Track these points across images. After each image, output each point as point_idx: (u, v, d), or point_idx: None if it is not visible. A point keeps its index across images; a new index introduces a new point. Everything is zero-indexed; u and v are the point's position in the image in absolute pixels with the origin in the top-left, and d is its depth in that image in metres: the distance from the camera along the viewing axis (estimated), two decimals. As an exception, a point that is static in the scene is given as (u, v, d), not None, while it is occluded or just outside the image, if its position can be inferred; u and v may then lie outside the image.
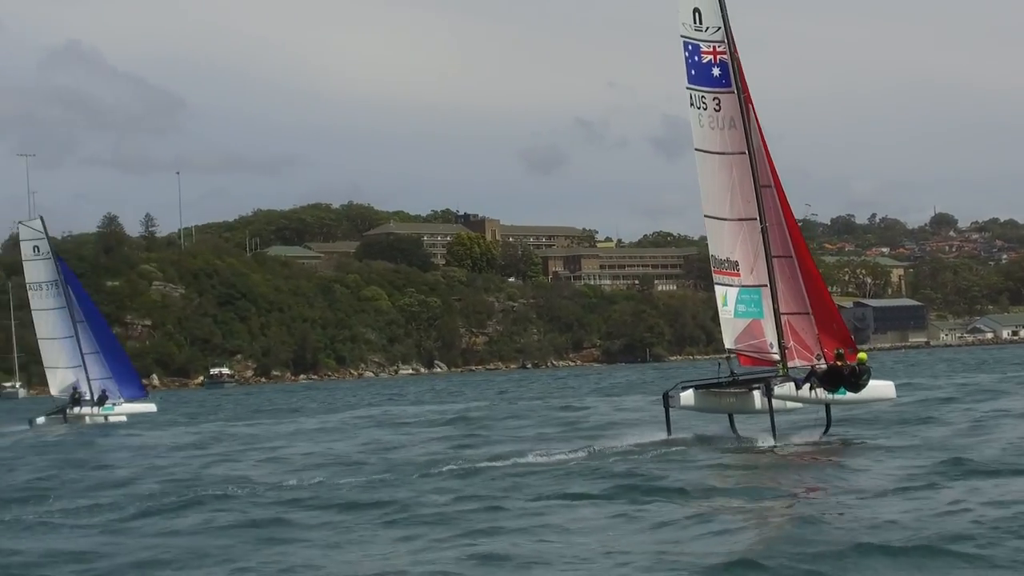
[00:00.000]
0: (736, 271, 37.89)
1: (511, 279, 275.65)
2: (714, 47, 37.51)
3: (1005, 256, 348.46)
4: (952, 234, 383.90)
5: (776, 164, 38.02)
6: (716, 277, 38.30)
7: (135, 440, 53.78)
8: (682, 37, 37.65)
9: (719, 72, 37.54)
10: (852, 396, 37.53)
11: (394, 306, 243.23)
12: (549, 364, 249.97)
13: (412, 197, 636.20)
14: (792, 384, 36.91)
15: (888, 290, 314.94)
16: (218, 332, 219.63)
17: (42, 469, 39.80)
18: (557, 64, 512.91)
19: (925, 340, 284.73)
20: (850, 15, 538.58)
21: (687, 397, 37.75)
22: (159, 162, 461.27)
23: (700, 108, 37.54)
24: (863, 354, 37.91)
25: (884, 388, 39.15)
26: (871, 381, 37.83)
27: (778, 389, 36.78)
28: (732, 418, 38.53)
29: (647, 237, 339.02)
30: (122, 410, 72.77)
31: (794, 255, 38.01)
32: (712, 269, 38.45)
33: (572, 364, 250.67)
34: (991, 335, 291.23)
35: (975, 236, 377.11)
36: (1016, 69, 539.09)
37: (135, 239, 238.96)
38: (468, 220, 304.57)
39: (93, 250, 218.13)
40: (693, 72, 37.55)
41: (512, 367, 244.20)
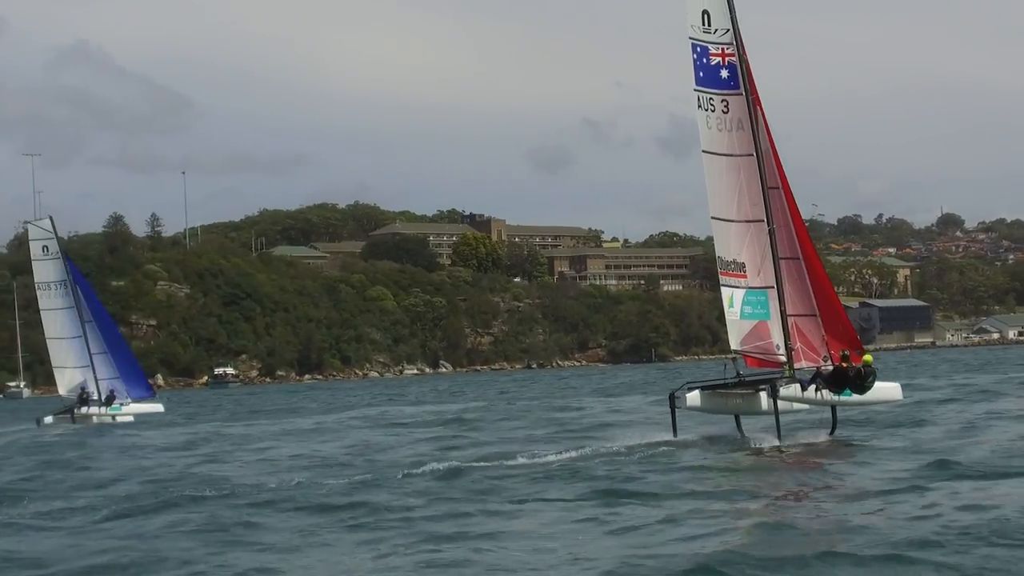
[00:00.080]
0: (743, 273, 37.95)
1: (517, 279, 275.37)
2: (723, 49, 37.58)
3: (1012, 256, 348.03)
4: (959, 234, 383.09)
5: (783, 164, 38.13)
6: (722, 279, 38.33)
7: (128, 440, 53.75)
8: (690, 39, 37.73)
9: (727, 74, 37.60)
10: (858, 397, 37.60)
11: (399, 306, 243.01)
12: (554, 364, 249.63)
13: (419, 197, 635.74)
14: (798, 385, 37.05)
15: (894, 290, 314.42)
16: (223, 332, 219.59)
17: (28, 470, 39.73)
18: (564, 64, 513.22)
19: (931, 340, 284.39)
20: (857, 15, 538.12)
21: (693, 398, 37.90)
22: (166, 162, 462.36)
23: (708, 110, 37.59)
24: (868, 356, 37.96)
25: (890, 390, 39.32)
26: (877, 383, 37.93)
27: (783, 390, 36.84)
28: (738, 419, 38.60)
29: (653, 237, 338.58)
30: (129, 410, 72.89)
31: (801, 257, 38.05)
32: (718, 271, 38.49)
33: (577, 364, 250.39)
34: (997, 335, 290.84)
35: (982, 236, 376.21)
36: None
37: (140, 239, 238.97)
38: (474, 220, 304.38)
39: (98, 250, 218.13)
40: (701, 74, 37.61)
41: (517, 367, 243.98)
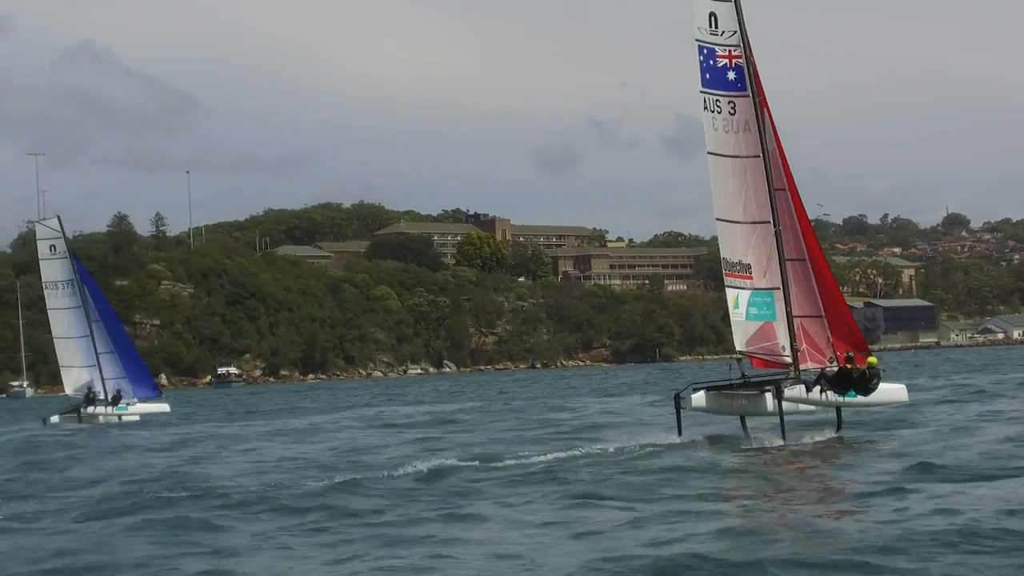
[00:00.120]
0: (748, 274, 37.92)
1: (521, 279, 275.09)
2: (730, 51, 37.57)
3: (1017, 256, 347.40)
4: (964, 234, 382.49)
5: (789, 164, 38.08)
6: (728, 280, 38.30)
7: (119, 441, 53.42)
8: (697, 41, 37.72)
9: (735, 76, 37.59)
10: (863, 399, 37.58)
11: (403, 306, 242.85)
12: (558, 364, 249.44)
13: (425, 197, 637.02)
14: (802, 386, 37.04)
15: (899, 290, 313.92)
16: (227, 332, 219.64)
17: (9, 470, 39.54)
18: (570, 64, 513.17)
19: (936, 340, 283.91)
20: (862, 14, 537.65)
21: (699, 399, 37.86)
22: (172, 161, 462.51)
23: (714, 112, 37.59)
24: (873, 358, 37.89)
25: (896, 391, 39.32)
26: (883, 384, 37.92)
27: (788, 391, 36.80)
28: (744, 420, 38.55)
29: (658, 237, 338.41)
30: (135, 410, 72.84)
31: (808, 258, 38.02)
32: (723, 272, 38.45)
33: (582, 364, 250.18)
34: (1002, 335, 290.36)
35: (987, 236, 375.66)
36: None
37: (144, 238, 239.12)
38: (478, 220, 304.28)
39: (103, 249, 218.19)
40: (708, 76, 37.60)
41: (521, 367, 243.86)
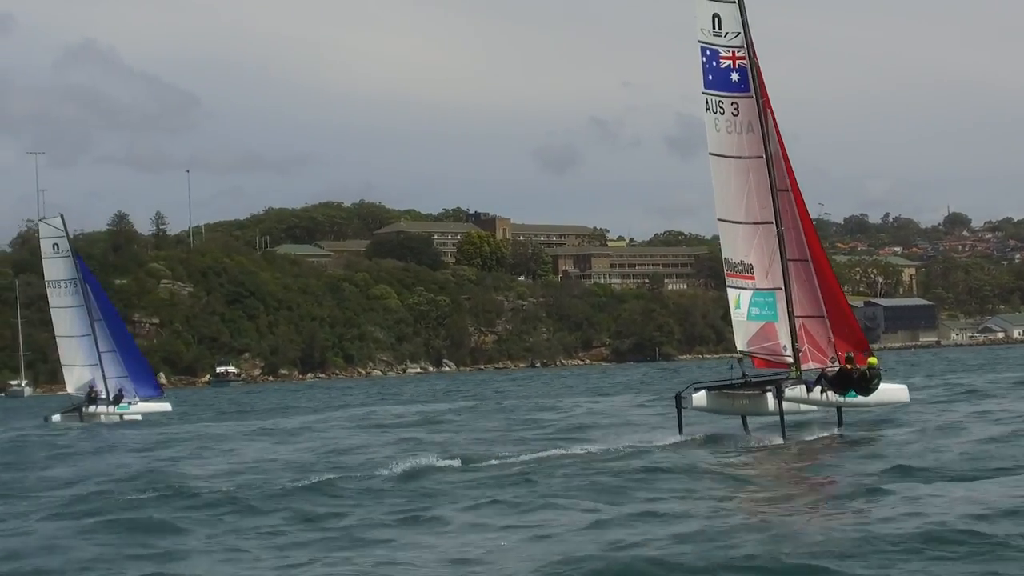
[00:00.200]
0: (750, 274, 38.00)
1: (521, 278, 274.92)
2: (733, 52, 37.66)
3: (1018, 256, 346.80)
4: (965, 234, 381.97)
5: (791, 164, 38.14)
6: (729, 280, 38.38)
7: (105, 440, 53.11)
8: (700, 42, 37.81)
9: (738, 77, 37.68)
10: (864, 399, 37.67)
11: (403, 305, 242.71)
12: (558, 363, 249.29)
13: (426, 196, 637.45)
14: (803, 386, 37.18)
15: (899, 289, 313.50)
16: (226, 330, 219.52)
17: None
18: (572, 63, 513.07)
19: (936, 340, 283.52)
20: (863, 14, 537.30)
21: (699, 398, 38.04)
22: (173, 160, 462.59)
23: (717, 113, 37.67)
24: (873, 358, 37.97)
25: (897, 391, 39.45)
26: (884, 384, 38.05)
27: (789, 391, 36.90)
28: (745, 419, 38.65)
29: (658, 236, 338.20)
30: (137, 409, 72.81)
31: (810, 258, 38.09)
32: (725, 272, 38.54)
33: (581, 363, 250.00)
34: (1002, 335, 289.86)
35: (988, 236, 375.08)
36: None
37: (145, 237, 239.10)
38: (479, 219, 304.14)
39: (102, 248, 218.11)
40: (710, 77, 37.68)
41: (521, 366, 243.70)
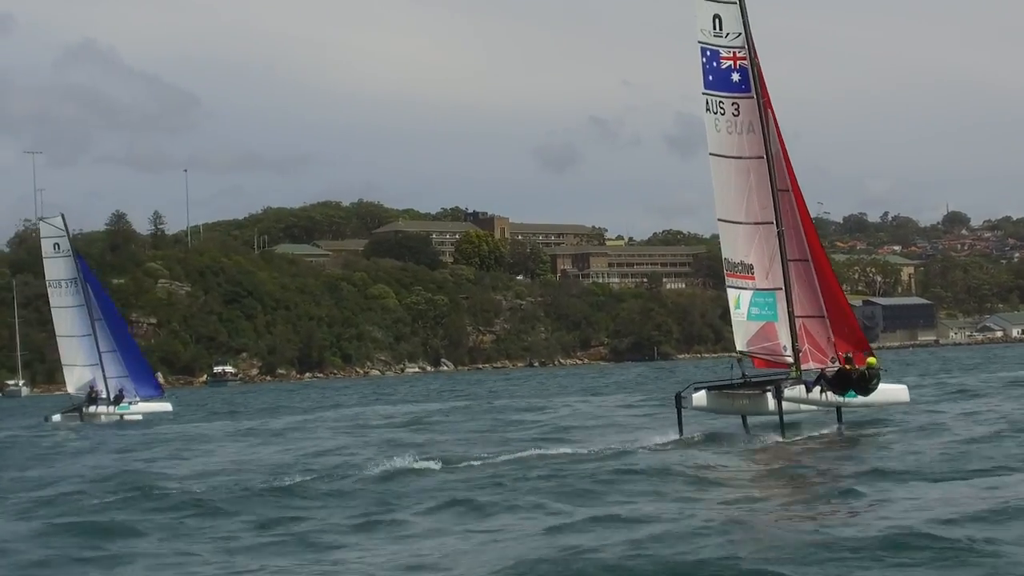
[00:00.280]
0: (750, 274, 38.01)
1: (519, 277, 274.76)
2: (734, 52, 37.67)
3: (1017, 255, 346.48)
4: (964, 232, 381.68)
5: (792, 164, 38.12)
6: (729, 280, 38.38)
7: (90, 442, 52.68)
8: (700, 43, 37.79)
9: (739, 77, 37.68)
10: (863, 399, 37.67)
11: (401, 304, 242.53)
12: (556, 363, 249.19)
13: (426, 195, 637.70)
14: (802, 387, 37.23)
15: (898, 288, 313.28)
16: (224, 330, 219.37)
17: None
18: (572, 62, 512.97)
19: (934, 339, 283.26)
20: (863, 14, 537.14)
21: (699, 398, 38.09)
22: (173, 160, 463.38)
23: (717, 113, 37.67)
24: (873, 358, 37.97)
25: (897, 392, 39.48)
26: (884, 385, 38.08)
27: (788, 392, 36.92)
28: (745, 418, 38.69)
29: (657, 235, 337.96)
30: (138, 409, 72.75)
31: (810, 259, 38.09)
32: (725, 272, 38.53)
33: (580, 363, 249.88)
34: (1000, 333, 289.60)
35: (987, 235, 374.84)
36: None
37: (143, 237, 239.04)
38: (477, 218, 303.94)
39: (100, 248, 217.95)
40: (711, 77, 37.66)
41: (520, 366, 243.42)
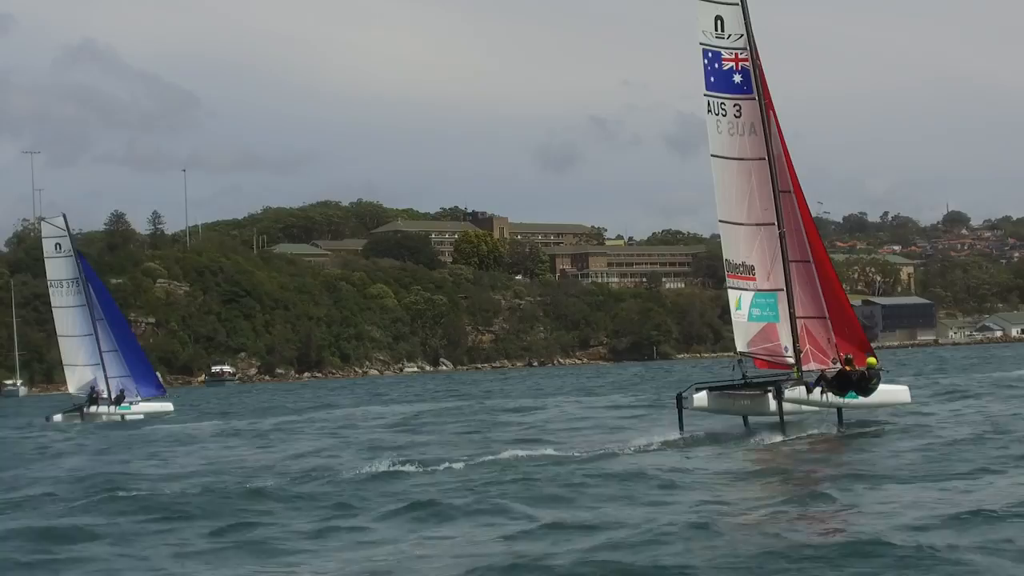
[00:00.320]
0: (751, 275, 38.05)
1: (518, 277, 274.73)
2: (736, 54, 37.67)
3: (1017, 254, 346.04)
4: (964, 232, 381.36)
5: (793, 165, 38.13)
6: (730, 281, 38.43)
7: (76, 443, 52.17)
8: (701, 45, 37.80)
9: (741, 79, 37.69)
10: (864, 400, 37.67)
11: (400, 304, 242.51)
12: (555, 362, 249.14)
13: (426, 195, 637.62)
14: (803, 388, 37.25)
15: (897, 288, 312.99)
16: (222, 330, 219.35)
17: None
18: (571, 62, 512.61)
19: (934, 338, 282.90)
20: (863, 14, 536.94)
21: (700, 398, 38.25)
22: (173, 159, 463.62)
23: (719, 114, 37.67)
24: (872, 358, 37.93)
25: (898, 392, 39.54)
26: (885, 385, 38.12)
27: (788, 393, 36.97)
28: (746, 419, 38.78)
29: (656, 235, 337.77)
30: (139, 409, 72.77)
31: (812, 259, 38.09)
32: (725, 273, 38.57)
33: (579, 362, 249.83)
34: (1000, 333, 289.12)
35: (987, 234, 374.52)
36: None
37: (141, 236, 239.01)
38: (476, 218, 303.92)
39: (99, 247, 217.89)
40: (712, 79, 37.67)
41: (519, 365, 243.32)
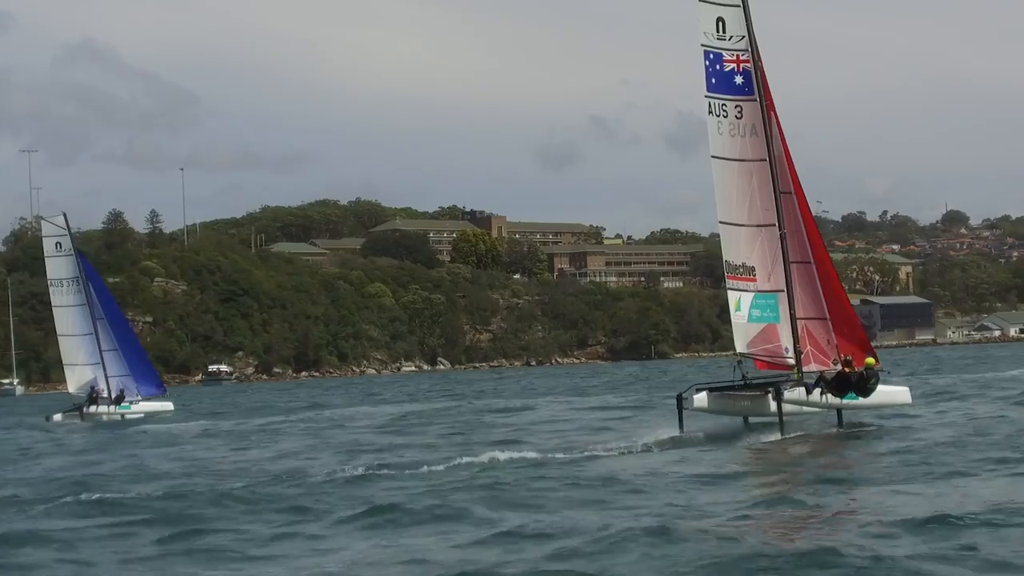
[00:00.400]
0: (752, 276, 38.08)
1: (516, 276, 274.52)
2: (737, 55, 37.70)
3: (1016, 254, 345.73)
4: (963, 231, 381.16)
5: (795, 166, 38.18)
6: (729, 282, 38.43)
7: (61, 443, 52.19)
8: (703, 46, 37.80)
9: (742, 80, 37.74)
10: (864, 401, 37.69)
11: (398, 303, 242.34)
12: (553, 361, 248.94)
13: (425, 194, 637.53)
14: (803, 389, 37.32)
15: (896, 287, 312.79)
16: (220, 329, 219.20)
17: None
18: (571, 61, 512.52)
19: (932, 338, 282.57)
20: (863, 13, 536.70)
21: (700, 399, 38.34)
22: (173, 158, 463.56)
23: (720, 116, 37.70)
24: (871, 358, 37.90)
25: (898, 393, 39.43)
26: (886, 386, 38.15)
27: (788, 394, 37.02)
28: (747, 419, 38.87)
29: (655, 234, 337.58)
30: (139, 408, 72.76)
31: (812, 260, 38.11)
32: (725, 274, 38.58)
33: (577, 362, 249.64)
34: (998, 333, 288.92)
35: (986, 234, 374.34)
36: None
37: (139, 235, 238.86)
38: (475, 217, 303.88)
39: (96, 246, 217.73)
40: (713, 80, 37.70)
41: (516, 365, 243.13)
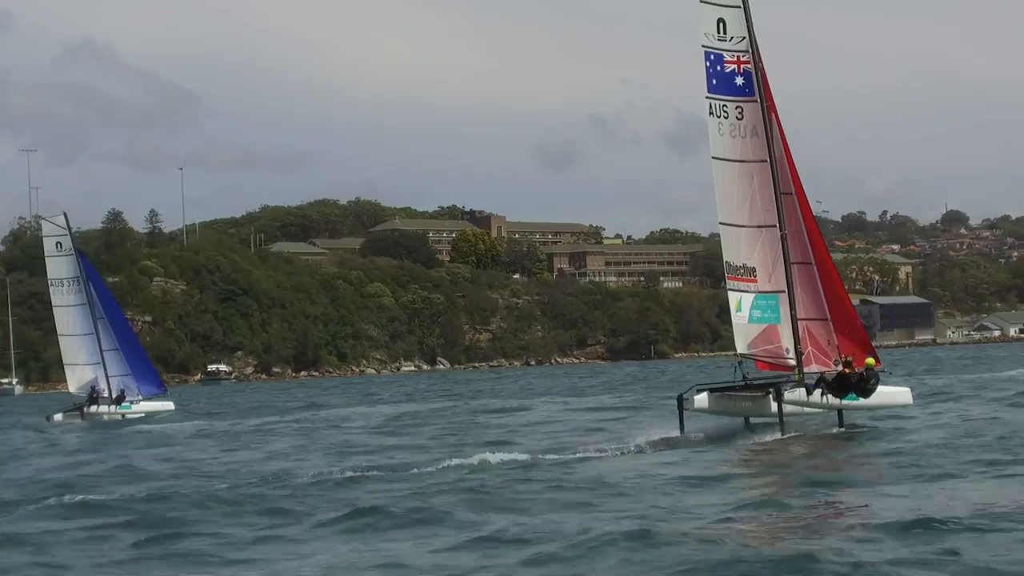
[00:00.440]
0: (752, 277, 38.06)
1: (516, 276, 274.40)
2: (738, 56, 37.62)
3: (1016, 254, 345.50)
4: (963, 231, 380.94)
5: (796, 167, 38.14)
6: (730, 283, 38.41)
7: (53, 443, 52.02)
8: (704, 47, 37.72)
9: (743, 81, 37.67)
10: (865, 402, 37.68)
11: (397, 303, 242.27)
12: (553, 361, 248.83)
13: (425, 194, 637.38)
14: (803, 389, 37.33)
15: (895, 287, 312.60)
16: (219, 328, 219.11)
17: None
18: (571, 60, 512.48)
19: (932, 338, 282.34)
20: (863, 13, 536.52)
21: (701, 400, 38.39)
22: (173, 158, 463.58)
23: (721, 117, 37.65)
24: (871, 359, 37.86)
25: (898, 394, 39.41)
26: (886, 387, 38.15)
27: (788, 395, 37.04)
28: (747, 419, 38.91)
29: (654, 234, 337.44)
30: (140, 408, 72.77)
31: (813, 261, 38.07)
32: (726, 275, 38.57)
33: (576, 361, 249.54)
34: (998, 333, 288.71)
35: (986, 233, 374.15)
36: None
37: (138, 235, 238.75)
38: (474, 216, 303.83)
39: (95, 246, 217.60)
40: (714, 81, 37.63)
41: (516, 364, 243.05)
